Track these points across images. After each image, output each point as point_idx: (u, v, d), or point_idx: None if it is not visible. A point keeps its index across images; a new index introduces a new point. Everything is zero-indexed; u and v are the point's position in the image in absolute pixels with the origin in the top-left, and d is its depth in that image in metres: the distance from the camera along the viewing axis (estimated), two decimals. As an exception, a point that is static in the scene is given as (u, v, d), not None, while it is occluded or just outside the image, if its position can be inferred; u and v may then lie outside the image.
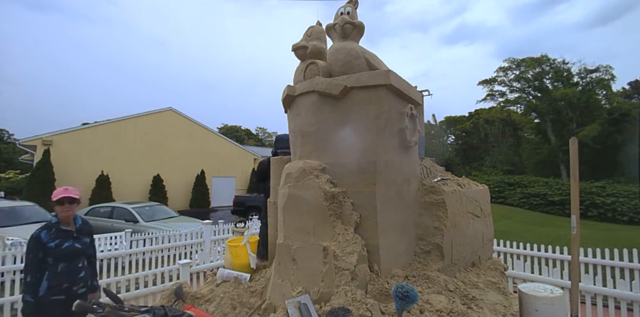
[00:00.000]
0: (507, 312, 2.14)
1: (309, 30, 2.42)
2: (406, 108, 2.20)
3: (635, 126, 22.47)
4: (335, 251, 1.80)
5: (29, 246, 2.33)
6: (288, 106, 2.43)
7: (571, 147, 2.27)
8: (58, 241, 2.36)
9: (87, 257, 2.54)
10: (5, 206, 7.77)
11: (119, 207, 9.35)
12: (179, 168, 17.85)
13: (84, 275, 2.46)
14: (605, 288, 3.56)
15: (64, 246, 2.36)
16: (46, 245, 2.31)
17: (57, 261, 2.34)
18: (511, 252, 4.94)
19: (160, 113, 18.28)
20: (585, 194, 17.58)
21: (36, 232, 2.34)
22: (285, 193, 2.04)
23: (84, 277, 2.46)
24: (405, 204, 2.22)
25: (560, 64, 29.44)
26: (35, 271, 2.29)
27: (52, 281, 2.30)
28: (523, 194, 21.27)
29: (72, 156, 14.66)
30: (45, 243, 2.31)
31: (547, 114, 29.02)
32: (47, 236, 2.34)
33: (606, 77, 27.56)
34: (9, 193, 16.69)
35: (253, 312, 2.00)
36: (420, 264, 2.17)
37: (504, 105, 32.75)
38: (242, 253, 2.50)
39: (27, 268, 2.29)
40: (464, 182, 2.90)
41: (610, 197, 17.58)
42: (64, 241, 2.38)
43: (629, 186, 18.86)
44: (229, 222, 8.54)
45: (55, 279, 2.31)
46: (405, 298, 1.54)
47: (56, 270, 2.32)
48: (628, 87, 33.05)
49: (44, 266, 2.32)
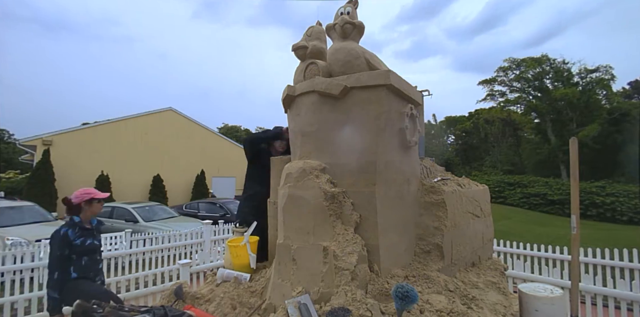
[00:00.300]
0: (507, 312, 2.14)
1: (309, 30, 2.42)
2: (406, 108, 2.20)
3: (635, 126, 22.48)
4: (335, 251, 1.80)
5: (56, 243, 2.45)
6: (288, 106, 2.43)
7: (571, 147, 2.28)
8: (83, 239, 2.53)
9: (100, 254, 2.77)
10: (5, 206, 7.77)
11: (119, 207, 9.36)
12: (179, 168, 17.84)
13: (101, 267, 2.74)
14: (605, 288, 3.56)
15: (87, 243, 2.55)
16: (72, 242, 2.47)
17: (81, 256, 2.51)
18: (511, 252, 4.94)
19: (160, 113, 18.27)
20: (585, 194, 17.59)
21: (63, 231, 2.48)
22: (285, 193, 2.04)
23: (101, 269, 2.73)
24: (405, 204, 2.22)
25: (560, 64, 29.44)
26: (62, 267, 2.42)
27: (80, 272, 2.48)
28: (523, 194, 21.28)
29: (72, 156, 14.65)
30: (72, 240, 2.47)
31: (547, 114, 29.03)
32: (73, 234, 2.50)
33: (606, 77, 27.56)
34: (9, 193, 16.66)
35: (253, 312, 2.00)
36: (420, 264, 2.17)
37: (504, 105, 32.75)
38: (242, 253, 2.50)
39: (53, 265, 2.42)
40: (464, 182, 2.90)
41: (610, 197, 17.59)
42: (87, 239, 2.57)
43: (628, 185, 18.87)
44: (229, 222, 8.54)
45: (82, 271, 2.49)
46: (405, 298, 1.54)
47: (81, 263, 2.50)
48: (628, 87, 33.06)
49: (68, 262, 2.47)
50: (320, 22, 2.50)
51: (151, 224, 8.38)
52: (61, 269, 2.42)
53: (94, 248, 2.63)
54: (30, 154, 16.05)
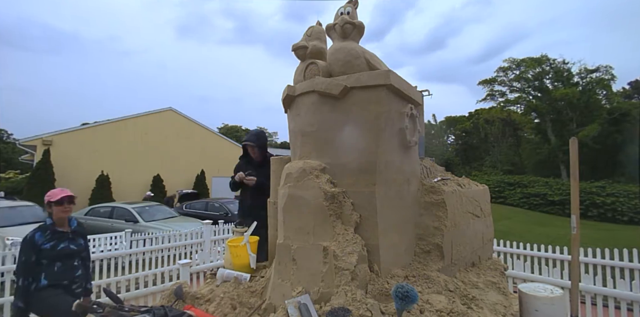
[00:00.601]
0: (507, 312, 2.14)
1: (309, 30, 2.42)
2: (406, 108, 2.20)
3: (635, 126, 22.49)
4: (335, 251, 1.80)
5: (22, 248, 2.29)
6: (288, 106, 2.43)
7: (571, 147, 2.27)
8: (53, 242, 2.34)
9: (81, 260, 2.52)
10: (5, 206, 7.77)
11: (119, 207, 9.36)
12: (179, 168, 17.85)
13: (80, 274, 2.45)
14: (605, 288, 3.56)
15: (59, 247, 2.34)
16: (41, 247, 2.28)
17: (53, 261, 2.31)
18: (511, 252, 4.94)
19: (160, 113, 18.28)
20: (585, 194, 17.59)
21: (30, 234, 2.30)
22: (285, 193, 2.04)
23: (81, 276, 2.45)
24: (405, 204, 2.22)
25: (560, 64, 29.44)
26: (27, 274, 2.24)
27: (51, 279, 2.27)
28: (523, 194, 21.28)
29: (72, 156, 14.65)
30: (39, 245, 2.28)
31: (547, 114, 29.03)
32: (42, 238, 2.31)
33: (606, 77, 27.58)
34: (9, 193, 16.69)
35: (253, 312, 2.00)
36: (420, 264, 2.17)
37: (504, 105, 32.75)
38: (242, 253, 2.50)
39: (19, 271, 2.25)
40: (464, 182, 2.90)
41: (610, 197, 17.59)
42: (60, 242, 2.36)
43: (629, 185, 18.87)
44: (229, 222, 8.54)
45: (54, 277, 2.30)
46: (405, 298, 1.54)
47: (53, 269, 2.30)
48: (628, 87, 33.06)
49: (38, 268, 2.28)
50: (320, 22, 2.50)
51: (151, 224, 8.38)
52: (27, 276, 2.22)
53: (69, 253, 2.40)
54: (30, 154, 16.06)
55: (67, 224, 2.48)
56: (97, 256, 4.49)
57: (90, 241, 6.13)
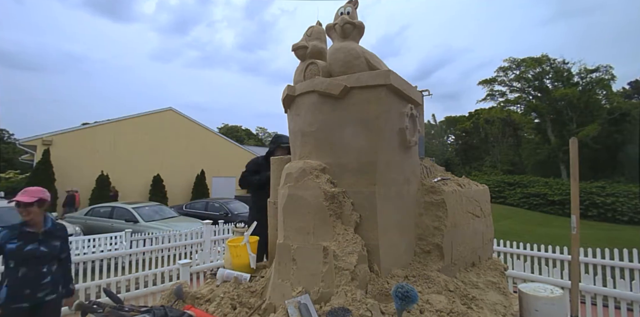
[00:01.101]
0: (507, 312, 2.14)
1: (308, 30, 2.42)
2: (406, 108, 2.20)
3: (635, 126, 22.51)
4: (335, 251, 1.80)
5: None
6: (288, 106, 2.43)
7: (571, 147, 2.28)
8: (20, 243, 2.20)
9: (58, 262, 2.40)
10: (5, 206, 7.76)
11: (119, 207, 9.36)
12: (179, 168, 17.84)
13: (51, 280, 2.29)
14: (605, 288, 3.56)
15: (25, 249, 2.20)
16: (4, 245, 2.17)
17: (18, 266, 2.18)
18: (511, 252, 4.94)
19: (160, 113, 18.27)
20: (585, 194, 17.59)
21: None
22: (285, 193, 2.04)
23: (51, 282, 2.29)
24: (405, 204, 2.22)
25: (560, 64, 29.45)
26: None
27: (12, 288, 2.15)
28: (523, 194, 21.27)
29: (72, 156, 14.64)
30: (3, 244, 2.17)
31: (547, 114, 29.05)
32: (7, 236, 2.20)
33: (606, 77, 27.59)
34: (9, 193, 16.67)
35: (253, 312, 2.00)
36: (420, 264, 2.17)
37: (504, 105, 32.77)
38: (242, 253, 2.50)
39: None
40: (464, 182, 2.90)
41: (610, 197, 17.59)
42: (27, 244, 2.22)
43: (628, 186, 18.88)
44: (229, 222, 8.54)
45: (16, 285, 2.15)
46: (405, 298, 1.54)
47: (16, 275, 2.16)
48: (628, 87, 33.07)
49: (7, 270, 2.18)
50: (320, 22, 2.50)
51: (151, 224, 8.38)
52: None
53: (39, 255, 2.21)
54: (30, 154, 16.06)
55: (40, 225, 2.33)
56: (97, 256, 4.50)
57: (90, 241, 6.13)
